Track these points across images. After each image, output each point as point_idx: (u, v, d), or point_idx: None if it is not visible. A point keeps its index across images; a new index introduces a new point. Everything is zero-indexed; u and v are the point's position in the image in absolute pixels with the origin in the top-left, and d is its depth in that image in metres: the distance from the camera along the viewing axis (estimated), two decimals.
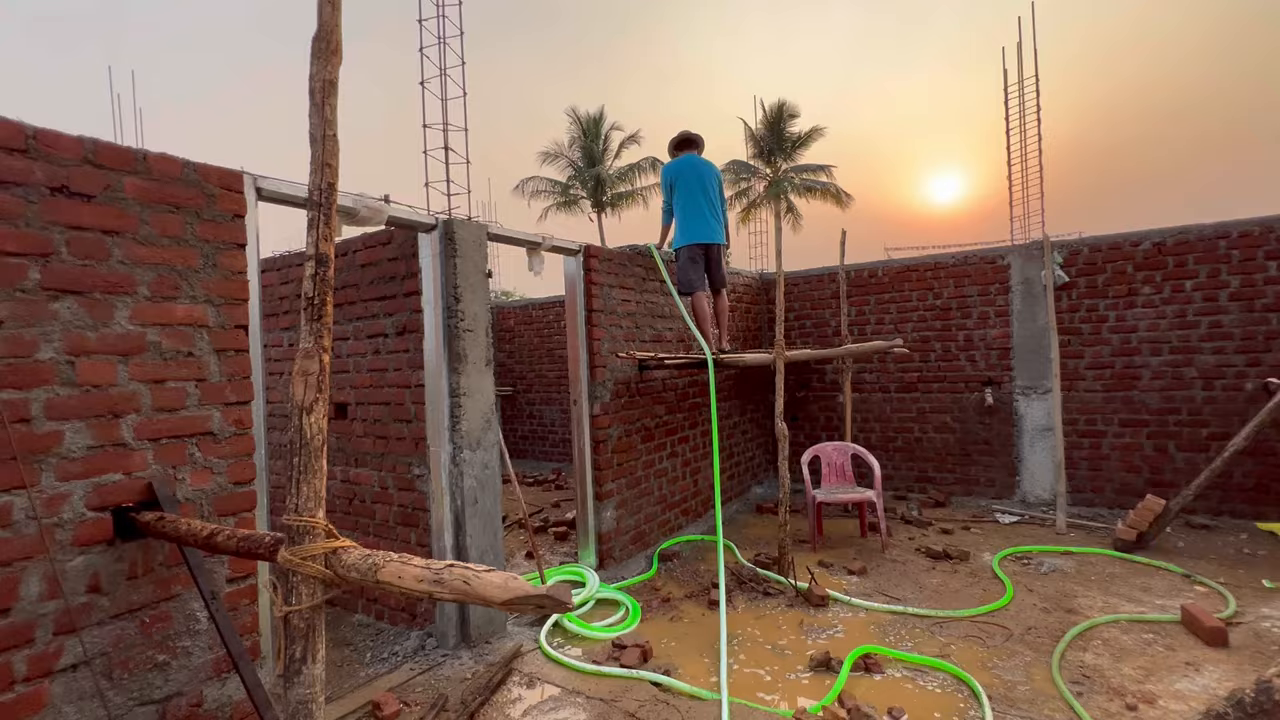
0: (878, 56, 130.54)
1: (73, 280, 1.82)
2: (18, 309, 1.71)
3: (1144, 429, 4.97)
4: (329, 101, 1.54)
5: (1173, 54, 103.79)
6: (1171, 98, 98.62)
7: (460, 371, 3.14)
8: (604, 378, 4.07)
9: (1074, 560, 4.12)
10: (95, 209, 1.87)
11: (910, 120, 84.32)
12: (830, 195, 26.71)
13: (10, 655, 1.68)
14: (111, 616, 1.87)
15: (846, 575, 4.03)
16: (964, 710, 2.52)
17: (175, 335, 2.04)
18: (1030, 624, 3.24)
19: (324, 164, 1.52)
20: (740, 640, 3.20)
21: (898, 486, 5.99)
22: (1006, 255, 5.51)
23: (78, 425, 1.82)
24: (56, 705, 1.76)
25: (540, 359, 8.56)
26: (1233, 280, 4.66)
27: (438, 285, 3.13)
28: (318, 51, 1.56)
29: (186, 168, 2.09)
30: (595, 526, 4.09)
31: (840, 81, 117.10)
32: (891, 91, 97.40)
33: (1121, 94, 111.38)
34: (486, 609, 3.24)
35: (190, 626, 2.06)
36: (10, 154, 1.71)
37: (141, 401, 1.96)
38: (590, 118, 26.67)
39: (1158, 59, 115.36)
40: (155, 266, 1.99)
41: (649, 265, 4.68)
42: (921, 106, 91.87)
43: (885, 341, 5.31)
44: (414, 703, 2.66)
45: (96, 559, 1.84)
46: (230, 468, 2.17)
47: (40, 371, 1.75)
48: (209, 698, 2.09)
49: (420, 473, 3.23)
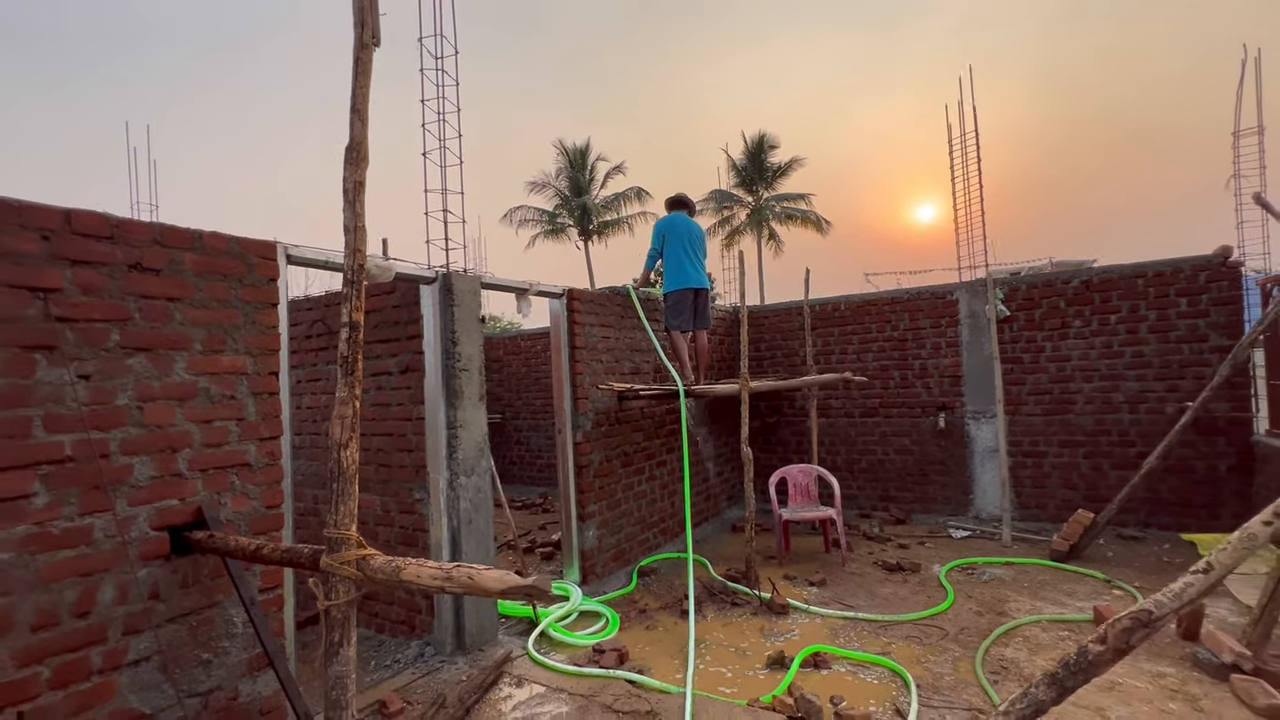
0: (857, 84, 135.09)
1: (144, 340, 2.22)
2: (102, 365, 2.11)
3: (1080, 449, 5.46)
4: (359, 199, 1.98)
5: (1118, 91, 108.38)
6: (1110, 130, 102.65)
7: (457, 406, 3.55)
8: (586, 408, 4.48)
9: (1013, 569, 4.55)
10: (161, 280, 2.28)
11: (889, 145, 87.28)
12: (810, 222, 27.56)
13: (88, 651, 2.04)
14: (166, 620, 2.23)
15: (808, 586, 4.42)
16: (895, 697, 2.91)
17: (221, 382, 2.43)
18: (964, 625, 3.65)
19: (355, 249, 1.96)
20: (708, 644, 3.58)
21: (862, 505, 6.42)
22: (955, 291, 6.04)
23: (144, 459, 2.20)
24: (123, 694, 2.11)
25: (528, 388, 8.95)
26: (1150, 314, 5.20)
27: (437, 330, 3.55)
28: (350, 159, 2.00)
29: (232, 242, 2.51)
30: (579, 545, 4.46)
31: (821, 109, 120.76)
32: (871, 118, 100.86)
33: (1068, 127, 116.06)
34: (480, 621, 3.60)
35: (229, 630, 2.41)
36: (99, 240, 2.13)
37: (194, 438, 2.34)
38: (577, 149, 27.45)
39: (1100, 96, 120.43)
40: (206, 325, 2.40)
41: (628, 304, 5.13)
42: (900, 132, 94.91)
43: (835, 374, 5.79)
44: (416, 701, 3.00)
45: (157, 571, 2.21)
46: (264, 493, 2.55)
47: (118, 415, 2.14)
48: (243, 692, 2.44)
49: (420, 496, 3.60)
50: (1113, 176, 76.01)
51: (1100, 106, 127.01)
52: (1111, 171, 78.16)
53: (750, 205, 27.98)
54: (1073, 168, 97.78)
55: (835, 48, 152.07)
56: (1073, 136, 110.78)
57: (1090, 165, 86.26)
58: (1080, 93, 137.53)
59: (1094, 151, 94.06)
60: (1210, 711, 2.65)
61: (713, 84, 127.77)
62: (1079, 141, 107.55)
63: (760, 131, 27.32)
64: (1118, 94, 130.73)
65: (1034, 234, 60.58)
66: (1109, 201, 64.99)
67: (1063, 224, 67.50)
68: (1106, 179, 76.85)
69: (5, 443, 1.88)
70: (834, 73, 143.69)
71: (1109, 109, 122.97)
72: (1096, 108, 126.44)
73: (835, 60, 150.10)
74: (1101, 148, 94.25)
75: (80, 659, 2.02)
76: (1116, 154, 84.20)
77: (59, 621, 1.98)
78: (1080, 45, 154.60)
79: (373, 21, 2.07)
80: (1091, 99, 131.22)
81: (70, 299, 2.05)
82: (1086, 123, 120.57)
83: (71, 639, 2.00)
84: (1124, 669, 3.06)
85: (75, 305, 2.06)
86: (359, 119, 2.01)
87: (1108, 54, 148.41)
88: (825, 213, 29.16)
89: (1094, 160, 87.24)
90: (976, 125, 6.50)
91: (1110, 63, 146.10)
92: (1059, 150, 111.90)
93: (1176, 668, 3.04)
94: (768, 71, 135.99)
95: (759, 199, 27.93)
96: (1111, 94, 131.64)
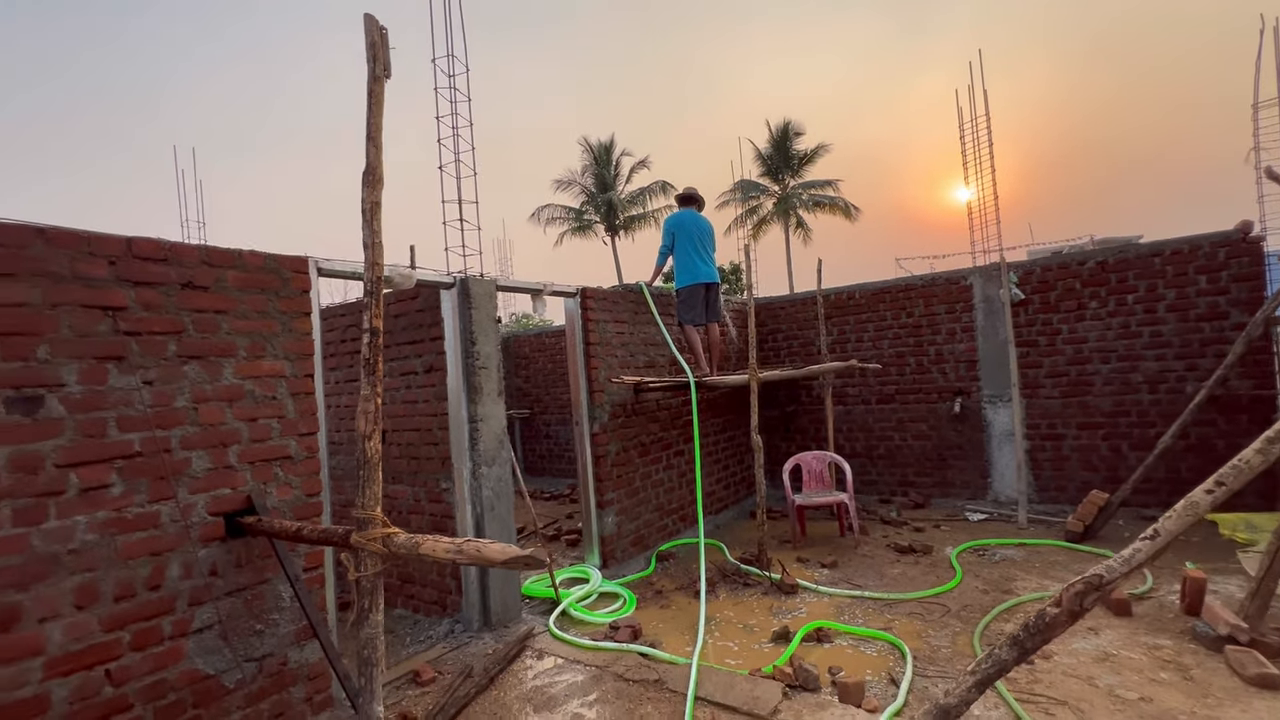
0: (890, 62, 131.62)
1: (196, 349, 2.52)
2: (162, 372, 2.42)
3: (1099, 431, 5.44)
4: (376, 218, 2.23)
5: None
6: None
7: (477, 401, 3.81)
8: (602, 401, 4.71)
9: (1025, 550, 4.61)
10: (210, 296, 2.58)
11: (926, 122, 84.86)
12: (839, 209, 27.22)
13: (160, 619, 2.36)
14: (224, 594, 2.55)
15: (819, 568, 4.57)
16: (892, 668, 3.06)
17: (264, 384, 2.73)
18: (967, 603, 3.76)
19: (373, 263, 2.20)
20: (718, 622, 3.78)
21: (881, 491, 6.50)
22: (969, 276, 6.05)
23: (201, 453, 2.51)
24: (190, 657, 2.43)
25: (554, 383, 9.24)
26: (1168, 293, 5.14)
27: (457, 331, 3.82)
28: (367, 182, 2.25)
29: (268, 259, 2.80)
30: (598, 531, 4.70)
31: (852, 90, 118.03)
32: (905, 96, 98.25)
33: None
34: (504, 601, 3.87)
35: (277, 604, 2.72)
36: (156, 262, 2.43)
37: (242, 435, 2.65)
38: (601, 145, 27.66)
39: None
40: (249, 334, 2.70)
41: (641, 300, 5.33)
42: (937, 109, 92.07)
43: (844, 362, 5.87)
44: (446, 671, 3.29)
45: (214, 551, 2.52)
46: (304, 483, 2.85)
47: (177, 415, 2.45)
48: (291, 659, 2.75)
49: (447, 486, 3.89)
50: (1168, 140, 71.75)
51: (1154, 65, 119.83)
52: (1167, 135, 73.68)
53: (777, 194, 27.78)
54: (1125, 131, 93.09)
55: (866, 25, 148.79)
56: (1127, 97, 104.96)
57: (1146, 127, 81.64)
58: (1134, 50, 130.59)
59: (1150, 113, 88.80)
60: (1199, 680, 2.73)
61: (736, 71, 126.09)
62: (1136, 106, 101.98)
63: (785, 119, 27.06)
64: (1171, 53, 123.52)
65: (1079, 207, 58.11)
66: (1160, 169, 61.64)
67: (1109, 195, 64.47)
68: (1160, 142, 72.79)
69: (87, 441, 2.21)
70: (865, 51, 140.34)
71: (1162, 68, 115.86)
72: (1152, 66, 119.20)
73: (866, 38, 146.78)
74: (1157, 109, 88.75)
75: (154, 626, 2.34)
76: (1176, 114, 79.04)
77: (135, 593, 2.30)
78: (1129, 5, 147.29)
79: (384, 56, 2.31)
80: (1150, 57, 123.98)
81: (134, 315, 2.36)
82: (1142, 83, 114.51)
83: (146, 608, 2.32)
84: (1122, 641, 3.14)
85: (139, 320, 2.37)
86: (374, 145, 2.25)
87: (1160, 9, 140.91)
88: (856, 197, 28.79)
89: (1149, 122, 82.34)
90: (988, 109, 6.46)
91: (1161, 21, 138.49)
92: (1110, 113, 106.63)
93: (1174, 641, 3.11)
94: (794, 53, 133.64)
95: (785, 187, 27.70)
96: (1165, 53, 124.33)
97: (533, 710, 2.86)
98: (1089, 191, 67.94)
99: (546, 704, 2.90)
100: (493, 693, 3.04)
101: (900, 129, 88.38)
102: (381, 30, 2.30)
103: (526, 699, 2.96)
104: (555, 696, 2.96)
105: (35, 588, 2.08)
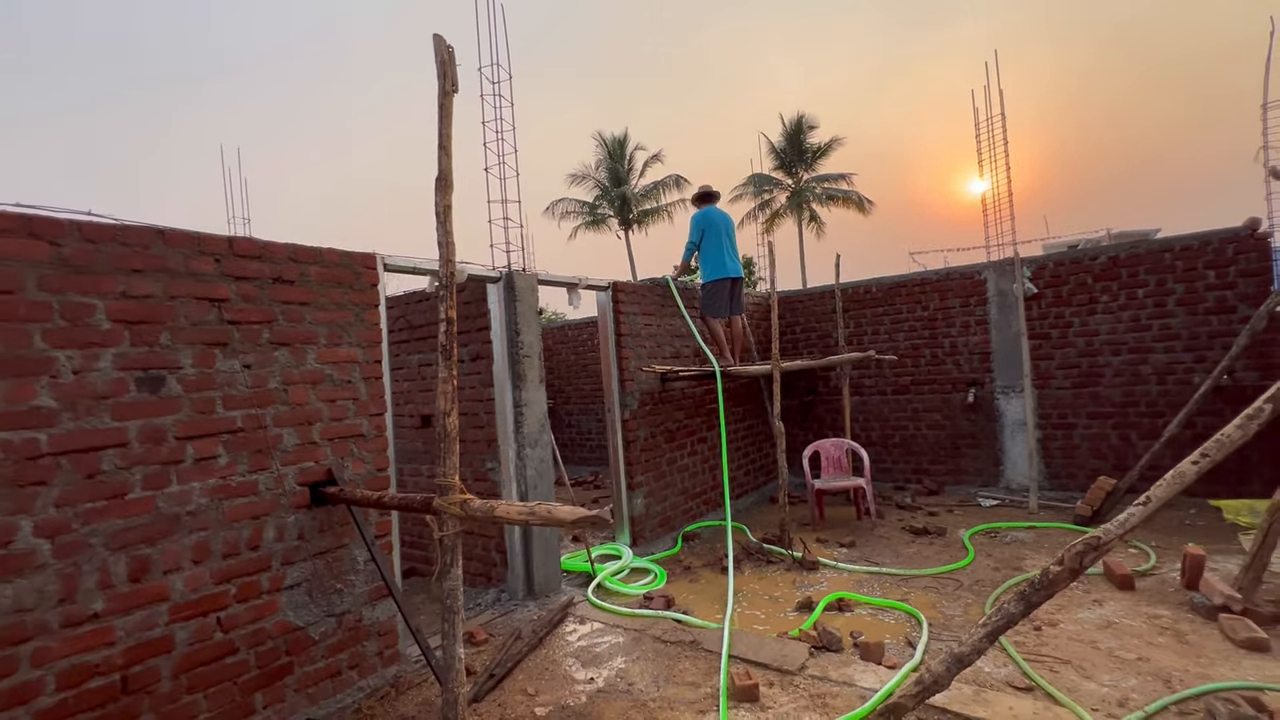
0: (898, 59, 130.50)
1: (285, 336, 2.82)
2: (258, 357, 2.72)
3: (1109, 421, 5.64)
4: (448, 219, 2.50)
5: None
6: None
7: (521, 388, 4.10)
8: (632, 389, 4.98)
9: (1035, 533, 4.84)
10: (296, 289, 2.88)
11: (942, 115, 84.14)
12: (852, 202, 27.28)
13: (259, 575, 2.67)
14: (310, 556, 2.85)
15: (838, 548, 4.83)
16: (909, 633, 3.32)
17: (340, 369, 3.03)
18: (979, 578, 4.00)
19: (448, 260, 2.48)
20: (744, 594, 4.05)
21: (897, 479, 6.73)
22: (983, 271, 6.25)
23: (290, 430, 2.82)
24: (283, 610, 2.74)
25: (577, 374, 9.53)
26: (1178, 288, 5.33)
27: (503, 322, 4.11)
28: (439, 187, 2.52)
29: (343, 255, 3.09)
30: (629, 512, 4.98)
31: (865, 83, 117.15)
32: (919, 89, 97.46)
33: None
34: (546, 573, 4.16)
35: (353, 567, 3.03)
36: (252, 259, 2.73)
37: (323, 414, 2.95)
38: (615, 139, 27.86)
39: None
40: (328, 324, 2.99)
41: (667, 293, 5.59)
42: (951, 101, 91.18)
43: (861, 353, 6.10)
44: (497, 633, 3.59)
45: (302, 517, 2.83)
46: (375, 459, 3.15)
47: (271, 396, 2.75)
48: (365, 617, 3.06)
49: (492, 466, 4.18)
50: (1185, 134, 70.94)
51: (1169, 60, 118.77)
52: (1184, 129, 72.89)
53: (790, 188, 27.87)
54: (1144, 127, 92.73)
55: (879, 18, 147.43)
56: (1144, 92, 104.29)
57: (1162, 122, 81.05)
58: (1151, 45, 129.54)
59: (1166, 107, 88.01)
60: (1194, 644, 2.97)
61: (750, 65, 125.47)
62: (1154, 99, 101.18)
63: (799, 113, 27.14)
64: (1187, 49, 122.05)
65: (1095, 200, 57.78)
66: (1176, 163, 61.13)
67: (1126, 188, 64.02)
68: (1176, 136, 72.07)
69: (200, 417, 2.51)
70: (879, 45, 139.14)
71: (1177, 62, 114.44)
72: (1167, 60, 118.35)
73: (879, 31, 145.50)
74: (1173, 103, 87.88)
75: (254, 581, 2.66)
76: (1191, 109, 78.18)
77: (239, 552, 2.61)
78: None
79: (452, 73, 2.58)
80: (1166, 49, 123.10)
81: (235, 306, 2.66)
82: (1158, 78, 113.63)
83: (248, 565, 2.63)
84: (1124, 611, 3.38)
85: (239, 311, 2.67)
86: (445, 154, 2.52)
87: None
88: (871, 190, 28.82)
89: (1166, 117, 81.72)
90: (1003, 108, 6.63)
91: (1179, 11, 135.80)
92: (1126, 107, 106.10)
93: (1173, 611, 3.34)
94: (808, 47, 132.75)
95: (799, 181, 27.79)
96: (1182, 49, 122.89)
97: (581, 666, 3.15)
98: (1106, 185, 67.13)
99: (593, 660, 3.19)
100: (542, 651, 3.34)
101: (914, 122, 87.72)
102: (449, 49, 2.57)
103: (574, 656, 3.26)
104: (600, 655, 3.25)
105: (161, 543, 2.39)
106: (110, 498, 2.27)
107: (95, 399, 2.25)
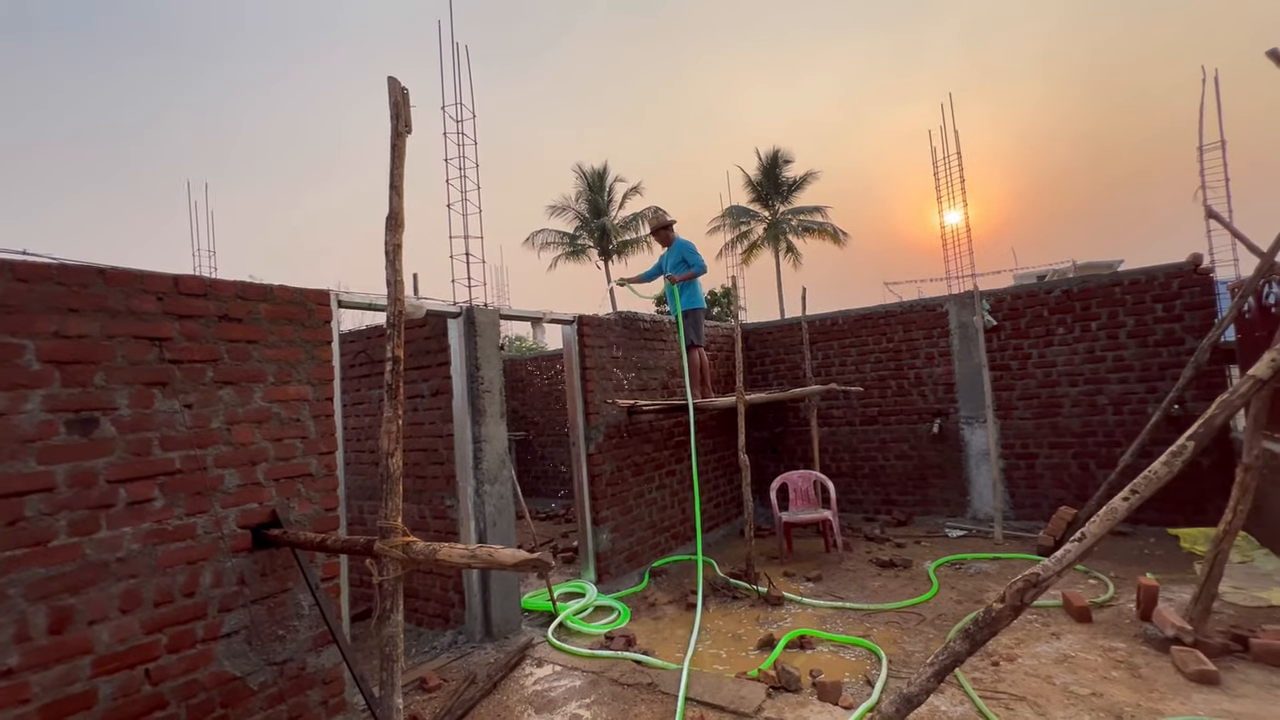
0: (878, 89, 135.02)
1: (231, 375, 2.77)
2: (201, 396, 2.66)
3: (1069, 450, 5.73)
4: (398, 259, 2.51)
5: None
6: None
7: (481, 423, 4.06)
8: (597, 422, 4.96)
9: (999, 564, 4.86)
10: (243, 327, 2.84)
11: (912, 149, 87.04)
12: (828, 234, 27.86)
13: (194, 624, 2.57)
14: (251, 601, 2.76)
15: (805, 582, 4.80)
16: (868, 671, 3.29)
17: (289, 407, 2.98)
18: (942, 612, 3.99)
19: (396, 299, 2.49)
20: (708, 632, 3.99)
21: (866, 509, 6.74)
22: (945, 303, 6.39)
23: (232, 470, 2.75)
24: (219, 660, 2.63)
25: (550, 405, 9.48)
26: (1129, 321, 5.49)
27: (463, 357, 4.08)
28: (390, 226, 2.53)
29: (296, 292, 3.07)
30: (594, 547, 4.91)
31: (840, 117, 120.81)
32: (892, 123, 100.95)
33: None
34: (505, 613, 4.07)
35: (298, 611, 2.93)
36: (197, 297, 2.70)
37: (269, 454, 2.88)
38: (595, 171, 28.27)
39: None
40: (277, 361, 2.95)
41: (635, 326, 5.62)
42: (923, 135, 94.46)
43: (824, 386, 6.18)
44: (451, 678, 3.48)
45: (243, 561, 2.74)
46: (323, 498, 3.07)
47: (212, 436, 2.69)
48: (310, 664, 2.95)
49: (451, 503, 4.11)
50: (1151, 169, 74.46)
51: (1137, 93, 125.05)
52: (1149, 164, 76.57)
53: (767, 219, 28.41)
54: (1106, 159, 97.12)
55: (854, 52, 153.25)
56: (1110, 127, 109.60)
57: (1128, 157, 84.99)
58: (1117, 80, 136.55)
59: (1135, 143, 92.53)
60: (1146, 677, 2.97)
61: (727, 99, 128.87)
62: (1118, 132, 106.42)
63: (775, 147, 27.85)
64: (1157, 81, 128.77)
65: (1065, 230, 59.96)
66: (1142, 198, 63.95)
67: (1090, 221, 66.66)
68: (1144, 171, 75.61)
69: (135, 459, 2.44)
70: (853, 80, 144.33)
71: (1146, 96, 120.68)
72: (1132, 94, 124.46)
73: (853, 68, 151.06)
74: (1146, 139, 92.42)
75: (188, 630, 2.55)
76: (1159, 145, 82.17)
77: (173, 599, 2.51)
78: (1114, 32, 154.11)
79: (405, 114, 2.62)
80: (1131, 86, 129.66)
81: (178, 345, 2.61)
82: (1123, 111, 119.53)
83: (182, 613, 2.53)
84: (1081, 644, 3.39)
85: (181, 349, 2.62)
86: (396, 194, 2.54)
87: (1156, 43, 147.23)
88: (847, 222, 29.50)
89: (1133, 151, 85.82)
90: (959, 148, 6.89)
91: (1159, 53, 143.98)
92: (1092, 142, 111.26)
93: (1128, 643, 3.36)
94: (784, 82, 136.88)
95: (775, 213, 28.35)
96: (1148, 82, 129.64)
97: (534, 712, 3.06)
98: (1074, 215, 69.68)
99: (547, 706, 3.10)
100: (496, 696, 3.24)
101: (888, 154, 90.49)
102: (403, 90, 2.61)
103: (528, 701, 3.16)
104: (555, 699, 3.17)
105: (86, 592, 2.29)
106: (32, 545, 2.18)
107: (20, 442, 2.18)
